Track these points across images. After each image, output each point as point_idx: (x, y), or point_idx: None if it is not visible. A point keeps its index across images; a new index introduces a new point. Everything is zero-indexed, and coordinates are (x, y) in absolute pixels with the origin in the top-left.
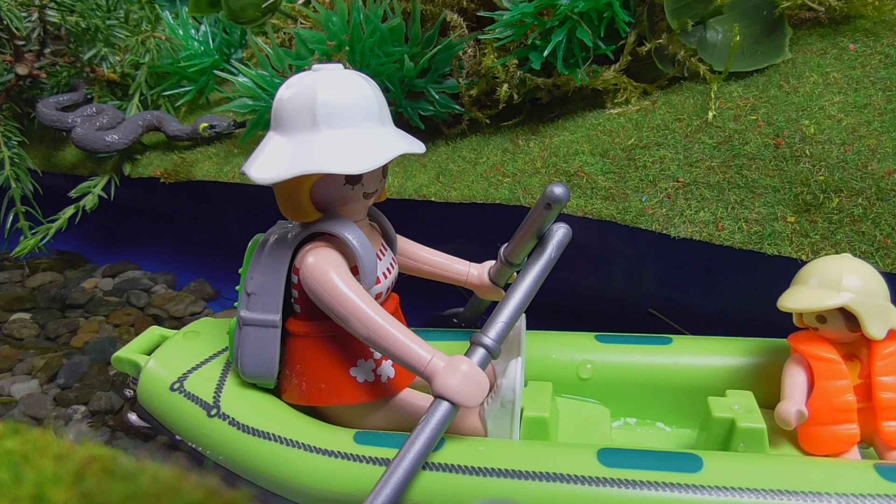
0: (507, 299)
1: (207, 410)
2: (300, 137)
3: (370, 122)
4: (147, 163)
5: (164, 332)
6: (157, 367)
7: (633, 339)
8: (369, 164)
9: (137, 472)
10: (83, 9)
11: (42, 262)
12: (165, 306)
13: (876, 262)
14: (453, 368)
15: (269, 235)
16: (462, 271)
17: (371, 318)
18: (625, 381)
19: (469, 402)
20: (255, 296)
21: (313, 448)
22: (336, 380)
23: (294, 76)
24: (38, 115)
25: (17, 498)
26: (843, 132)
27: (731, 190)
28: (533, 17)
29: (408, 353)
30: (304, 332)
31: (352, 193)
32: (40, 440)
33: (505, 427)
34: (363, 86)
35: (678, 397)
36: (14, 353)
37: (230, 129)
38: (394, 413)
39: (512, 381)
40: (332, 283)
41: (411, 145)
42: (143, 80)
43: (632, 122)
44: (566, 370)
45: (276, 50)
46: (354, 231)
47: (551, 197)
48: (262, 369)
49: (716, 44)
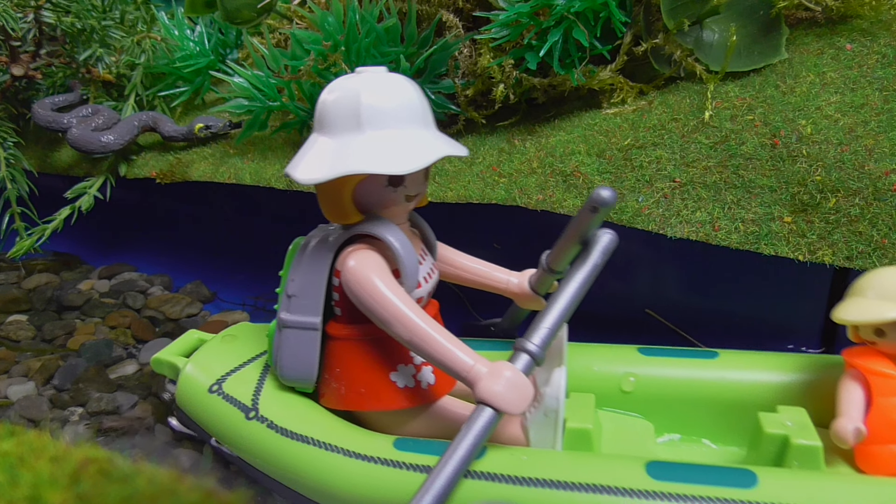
0: (552, 305)
1: (246, 413)
2: (344, 139)
3: (414, 125)
4: (143, 163)
5: (203, 335)
6: (196, 370)
7: (678, 352)
8: (413, 165)
9: (134, 473)
10: (79, 9)
11: (38, 264)
12: (162, 308)
13: (873, 262)
14: (497, 374)
15: (310, 238)
16: (502, 279)
17: (414, 322)
18: (669, 395)
19: (513, 409)
20: (296, 298)
21: (353, 453)
22: (376, 384)
23: (337, 79)
24: (34, 116)
25: (14, 500)
26: (839, 132)
27: (727, 190)
28: (529, 17)
29: (451, 358)
30: (344, 336)
31: (394, 195)
32: (37, 442)
33: (548, 437)
34: (407, 88)
35: (725, 413)
36: (10, 355)
37: (226, 129)
38: (433, 420)
39: (556, 390)
40: (374, 286)
41: (454, 148)
42: (139, 80)
43: (628, 122)
44: (608, 382)
45: (271, 50)
46: (397, 233)
47: (598, 200)
48: (301, 372)
49: (712, 44)
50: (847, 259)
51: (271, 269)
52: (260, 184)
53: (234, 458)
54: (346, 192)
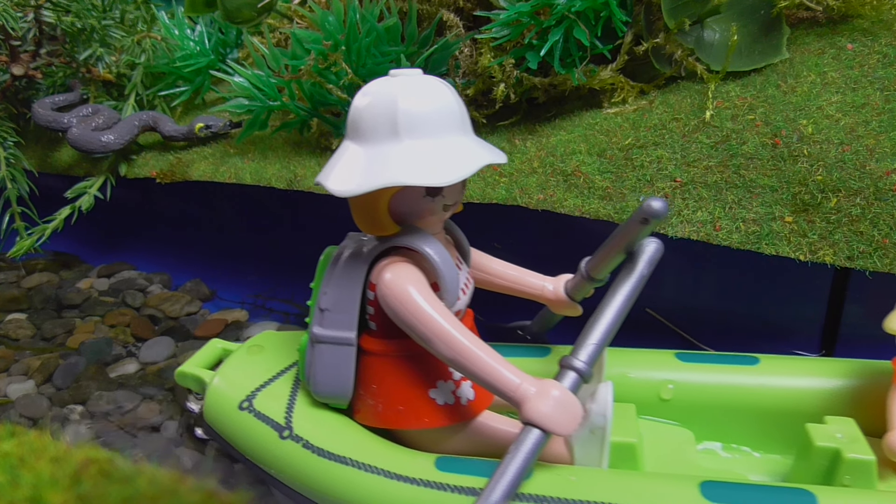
0: (598, 319)
1: (279, 431)
2: (380, 148)
3: (453, 132)
4: (143, 163)
5: (227, 345)
6: (224, 384)
7: (717, 358)
8: (455, 176)
9: (135, 474)
10: (79, 9)
11: (38, 263)
12: (161, 307)
13: (874, 262)
14: (545, 394)
15: (342, 249)
16: (537, 285)
17: (456, 339)
18: (708, 402)
19: (562, 429)
20: (329, 312)
21: (394, 474)
22: (415, 402)
23: (370, 83)
24: (34, 116)
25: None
26: (841, 132)
27: (728, 190)
28: (529, 17)
29: (496, 377)
30: (380, 351)
31: (431, 205)
32: (37, 443)
33: (594, 454)
34: (445, 93)
35: (767, 421)
36: (10, 354)
37: (226, 129)
38: (473, 436)
39: (603, 407)
40: (412, 301)
41: (495, 155)
42: (139, 80)
43: (629, 121)
44: (646, 390)
45: (272, 50)
46: (435, 245)
47: (649, 211)
48: (336, 389)
49: (713, 43)
50: (848, 259)
51: (271, 267)
52: (260, 183)
53: (267, 477)
54: (382, 204)
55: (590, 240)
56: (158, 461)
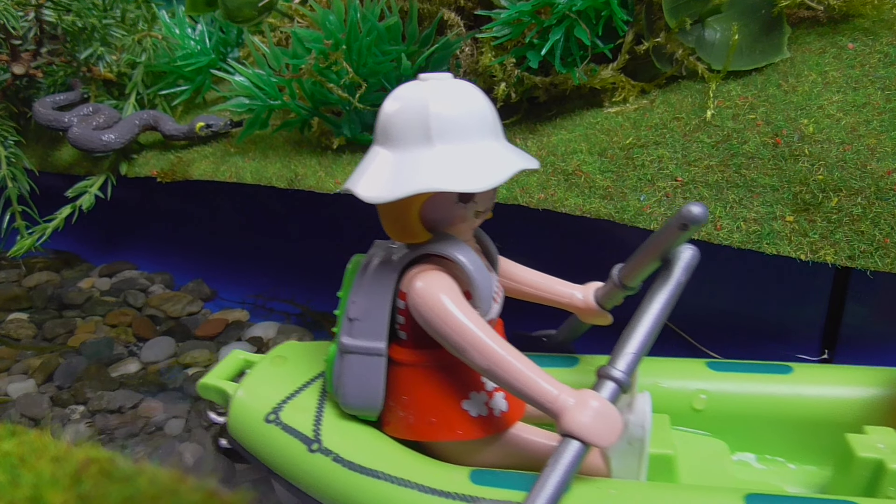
0: (635, 328)
1: (308, 445)
2: (412, 153)
3: (485, 136)
4: (143, 162)
5: (248, 356)
6: (248, 397)
7: (749, 366)
8: (489, 182)
9: (135, 474)
10: (79, 8)
11: (39, 262)
12: (163, 306)
13: (875, 261)
14: (583, 405)
15: (370, 257)
16: (565, 293)
17: (492, 349)
18: (742, 412)
19: (602, 441)
20: (359, 322)
21: (428, 488)
22: (448, 413)
23: (400, 88)
24: (35, 115)
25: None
26: (842, 131)
27: (729, 189)
28: (530, 16)
29: (533, 388)
30: (411, 361)
31: (463, 212)
32: (38, 442)
33: (632, 467)
34: (477, 97)
35: (802, 432)
36: (11, 353)
37: (227, 128)
38: (507, 448)
39: (641, 418)
40: (445, 310)
41: (527, 161)
42: (140, 79)
43: (630, 120)
44: (678, 400)
45: (272, 49)
46: (468, 253)
47: (688, 217)
48: (366, 400)
49: (714, 42)
50: (849, 259)
51: (271, 267)
52: (261, 182)
53: (296, 491)
54: (413, 210)
55: (588, 239)
56: (159, 461)
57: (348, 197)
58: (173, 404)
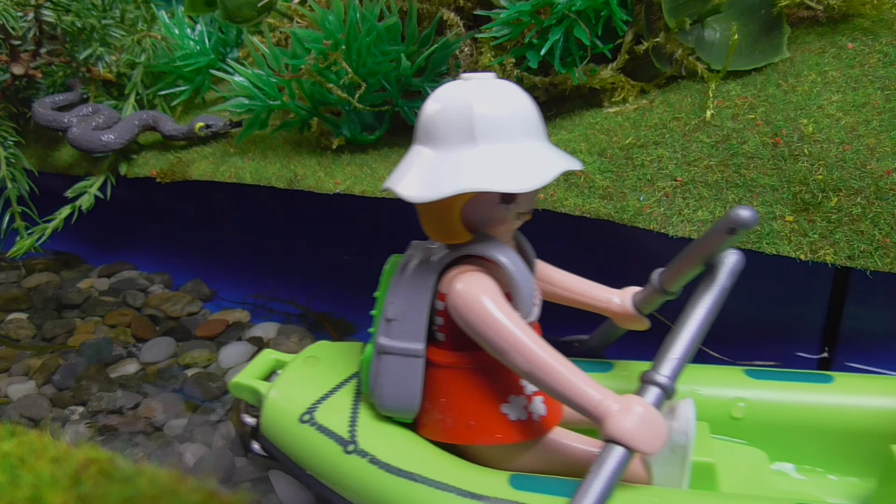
0: (680, 333)
1: (344, 446)
2: (455, 153)
3: (529, 137)
4: (143, 162)
5: (280, 356)
6: (282, 397)
7: (789, 375)
8: (533, 183)
9: (135, 474)
10: (79, 8)
11: (38, 263)
12: (162, 307)
13: (875, 261)
14: (627, 410)
15: (409, 257)
16: (602, 297)
17: (534, 352)
18: (781, 422)
19: (647, 447)
20: (397, 322)
21: (467, 492)
22: (486, 417)
23: (442, 88)
24: (34, 115)
25: (15, 501)
26: (841, 131)
27: (729, 189)
28: (530, 16)
29: (577, 393)
30: (448, 363)
31: (505, 213)
32: (37, 443)
33: (674, 474)
34: (521, 97)
35: (843, 442)
36: (10, 354)
37: (226, 128)
38: (544, 454)
39: (685, 425)
40: (487, 312)
41: (571, 162)
42: (139, 79)
43: (629, 120)
44: (717, 408)
45: (272, 49)
46: (510, 254)
47: (737, 221)
48: (402, 402)
49: (714, 42)
50: (849, 258)
51: (271, 267)
52: (260, 183)
53: (330, 492)
54: (455, 211)
55: (588, 238)
56: (159, 461)
57: (349, 197)
58: (173, 405)
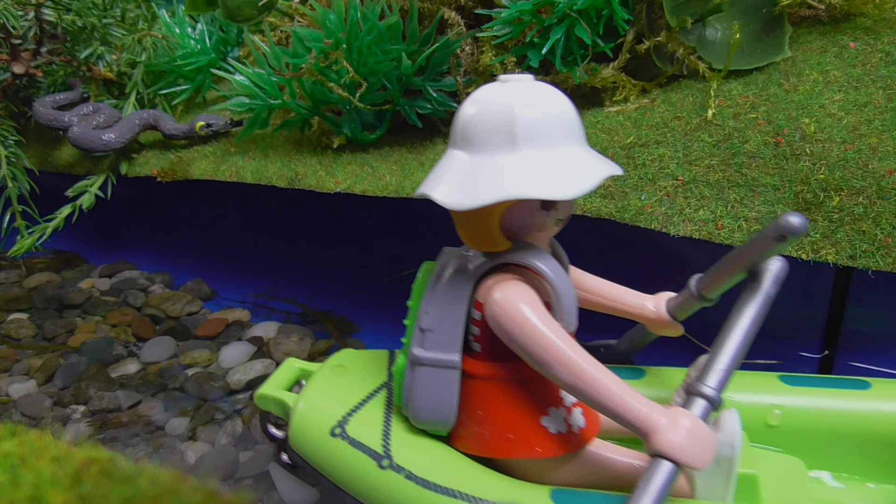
0: (725, 342)
1: (378, 460)
2: (495, 158)
3: (571, 141)
4: (144, 162)
5: (304, 364)
6: (310, 409)
7: (825, 381)
8: (579, 189)
9: (136, 474)
10: (79, 7)
11: (39, 262)
12: (162, 306)
13: (877, 261)
14: (675, 424)
15: (443, 265)
16: (636, 304)
17: (579, 365)
18: (817, 429)
19: (697, 462)
20: (431, 333)
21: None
22: (526, 430)
23: (479, 91)
24: (35, 114)
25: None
26: (843, 130)
27: (730, 188)
28: (531, 15)
29: (623, 407)
30: (485, 375)
31: (544, 220)
32: (38, 442)
33: (718, 488)
34: (563, 100)
35: (881, 449)
36: (11, 354)
37: (227, 127)
38: (584, 467)
39: (731, 437)
40: (529, 322)
41: (612, 167)
42: (140, 78)
43: (631, 120)
44: (752, 415)
45: (272, 48)
46: (550, 262)
47: (787, 228)
48: (438, 414)
49: (715, 42)
50: (850, 258)
51: (272, 267)
52: (261, 182)
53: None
54: (494, 218)
55: (588, 238)
56: (160, 461)
57: (349, 196)
58: (174, 404)
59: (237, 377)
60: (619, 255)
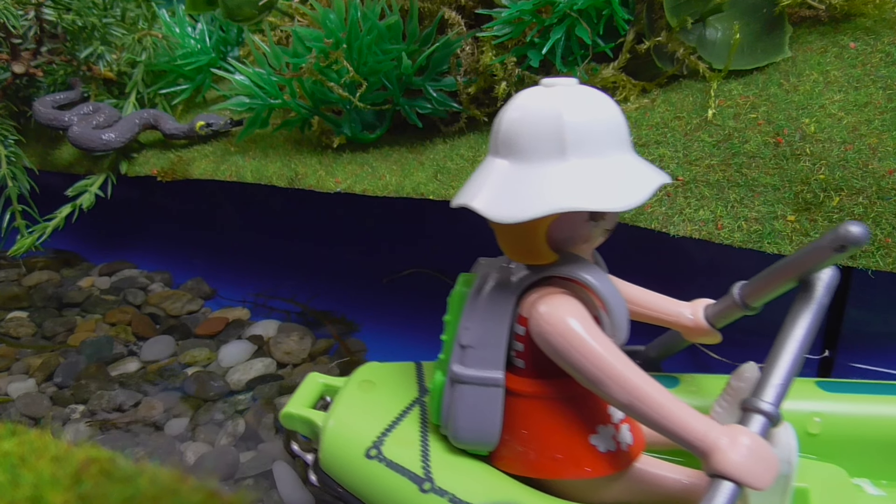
0: (780, 355)
1: (419, 484)
2: (542, 167)
3: (621, 149)
4: (144, 161)
5: (328, 379)
6: (341, 429)
7: (862, 387)
8: (633, 200)
9: (136, 474)
10: (80, 7)
11: (39, 261)
12: (162, 305)
13: (877, 261)
14: (735, 443)
15: (484, 278)
16: (673, 311)
17: (633, 382)
18: (857, 436)
19: (759, 482)
20: (473, 349)
21: None
22: (574, 449)
23: (520, 96)
24: (35, 114)
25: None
26: (843, 131)
27: (730, 188)
28: (531, 15)
29: (681, 426)
30: (530, 392)
31: (592, 231)
32: (38, 442)
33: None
34: (611, 105)
35: None
36: (11, 352)
37: (227, 127)
38: (633, 485)
39: (787, 452)
40: (579, 338)
41: (662, 176)
42: (140, 78)
43: (631, 120)
44: (792, 424)
45: (273, 48)
46: (598, 275)
47: (849, 238)
48: (481, 434)
49: (715, 42)
50: (851, 258)
51: (271, 266)
52: (261, 181)
53: None
54: (541, 230)
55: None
56: (159, 460)
57: (349, 195)
58: (174, 403)
59: (237, 376)
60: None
